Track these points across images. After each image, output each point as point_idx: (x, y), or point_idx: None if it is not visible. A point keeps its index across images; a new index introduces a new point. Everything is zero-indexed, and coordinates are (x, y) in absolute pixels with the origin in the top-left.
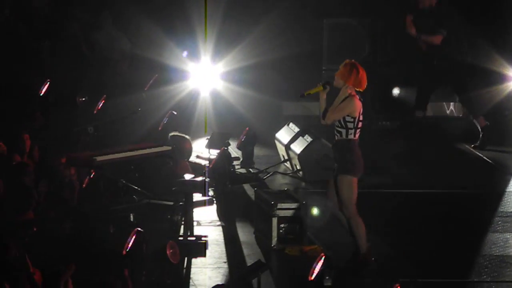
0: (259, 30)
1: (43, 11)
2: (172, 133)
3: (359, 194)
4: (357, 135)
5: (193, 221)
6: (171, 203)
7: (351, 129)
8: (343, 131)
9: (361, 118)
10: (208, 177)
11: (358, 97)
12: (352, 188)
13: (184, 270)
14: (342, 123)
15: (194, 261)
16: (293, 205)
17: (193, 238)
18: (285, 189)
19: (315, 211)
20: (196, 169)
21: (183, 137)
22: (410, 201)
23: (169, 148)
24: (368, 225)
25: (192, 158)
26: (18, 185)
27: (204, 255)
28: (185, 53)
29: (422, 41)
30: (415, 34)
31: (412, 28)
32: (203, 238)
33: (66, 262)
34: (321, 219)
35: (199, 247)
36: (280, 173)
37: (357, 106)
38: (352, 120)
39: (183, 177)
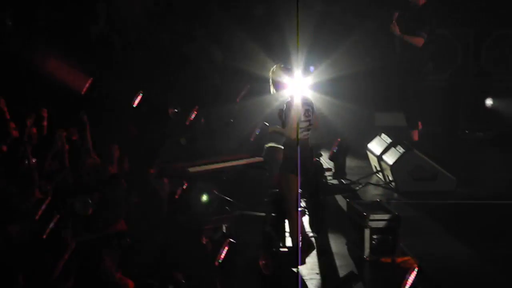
0: (351, 41)
1: (137, 22)
2: (269, 144)
3: (454, 205)
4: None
5: (285, 232)
6: (264, 214)
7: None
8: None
9: (302, 119)
10: (300, 188)
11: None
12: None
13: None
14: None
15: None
16: (386, 216)
17: (285, 250)
18: (378, 200)
19: (204, 197)
20: None
21: (280, 148)
22: (507, 212)
23: (261, 159)
24: (463, 237)
25: None
26: (110, 197)
27: (296, 266)
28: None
29: (404, 41)
30: (398, 33)
31: (395, 27)
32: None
33: (158, 273)
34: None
35: (291, 258)
36: (372, 184)
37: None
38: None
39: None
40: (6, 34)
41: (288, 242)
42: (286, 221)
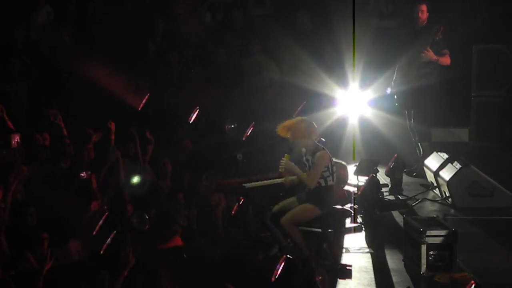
0: (407, 56)
1: (194, 38)
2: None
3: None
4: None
5: (342, 248)
6: (320, 230)
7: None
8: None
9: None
10: (357, 204)
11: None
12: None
13: None
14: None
15: None
16: (443, 232)
17: (338, 267)
18: (434, 216)
19: (135, 179)
20: (346, 196)
21: (340, 163)
22: None
23: None
24: None
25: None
26: (167, 212)
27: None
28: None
29: (439, 63)
30: (435, 58)
31: (430, 53)
32: (347, 268)
33: (214, 285)
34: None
35: (346, 274)
36: (429, 200)
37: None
38: (326, 169)
39: (337, 204)
40: (64, 50)
41: (344, 258)
42: (345, 236)
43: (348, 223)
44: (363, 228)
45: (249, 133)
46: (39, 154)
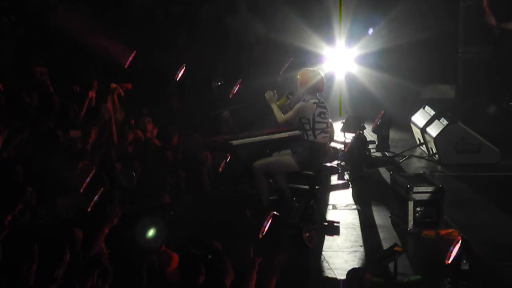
0: (395, 13)
1: None
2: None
3: (498, 177)
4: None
5: (327, 205)
6: (307, 187)
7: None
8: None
9: (317, 120)
10: (344, 161)
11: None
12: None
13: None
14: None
15: (330, 244)
16: (430, 189)
17: (326, 224)
18: (421, 172)
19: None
20: (333, 153)
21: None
22: None
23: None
24: (507, 209)
25: None
26: (155, 169)
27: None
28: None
29: (502, 29)
30: (495, 23)
31: (490, 17)
32: (335, 224)
33: (202, 246)
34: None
35: (334, 231)
36: (416, 156)
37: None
38: (307, 121)
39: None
40: (50, 6)
41: (331, 215)
42: (331, 193)
43: (335, 180)
44: (350, 185)
45: (235, 90)
46: (26, 112)
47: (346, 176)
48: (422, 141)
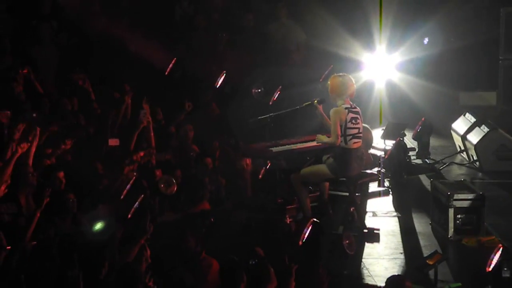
0: (435, 20)
1: (221, 3)
2: None
3: None
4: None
5: (366, 212)
6: (347, 193)
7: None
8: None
9: (348, 125)
10: (384, 168)
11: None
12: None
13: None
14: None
15: (370, 251)
16: (470, 196)
17: (366, 231)
18: (462, 179)
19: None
20: (372, 160)
21: (364, 126)
22: None
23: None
24: None
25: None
26: (192, 177)
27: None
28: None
29: None
30: None
31: None
32: (375, 231)
33: (240, 249)
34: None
35: (374, 238)
36: (456, 163)
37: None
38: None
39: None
40: (91, 13)
41: (372, 222)
42: (371, 200)
43: (376, 187)
44: (390, 192)
45: (276, 97)
46: (67, 119)
47: (386, 183)
48: (462, 148)
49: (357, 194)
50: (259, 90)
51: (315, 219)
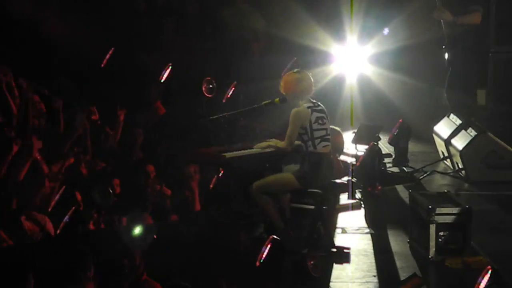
0: (413, 7)
1: None
2: None
3: None
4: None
5: (335, 228)
6: (312, 207)
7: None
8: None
9: (315, 127)
10: (355, 177)
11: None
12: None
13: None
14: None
15: (339, 274)
16: (455, 210)
17: (334, 250)
18: (445, 191)
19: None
20: (343, 167)
21: (333, 129)
22: None
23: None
24: None
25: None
26: (133, 185)
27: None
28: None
29: (459, 24)
30: (451, 17)
31: (445, 13)
32: (345, 250)
33: (188, 270)
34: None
35: (343, 258)
36: (439, 172)
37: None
38: (304, 131)
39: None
40: None
41: (341, 240)
42: (340, 214)
43: (346, 199)
44: (363, 205)
45: (230, 94)
46: None
47: (358, 195)
48: (446, 154)
49: (324, 207)
50: (211, 86)
51: (274, 236)
